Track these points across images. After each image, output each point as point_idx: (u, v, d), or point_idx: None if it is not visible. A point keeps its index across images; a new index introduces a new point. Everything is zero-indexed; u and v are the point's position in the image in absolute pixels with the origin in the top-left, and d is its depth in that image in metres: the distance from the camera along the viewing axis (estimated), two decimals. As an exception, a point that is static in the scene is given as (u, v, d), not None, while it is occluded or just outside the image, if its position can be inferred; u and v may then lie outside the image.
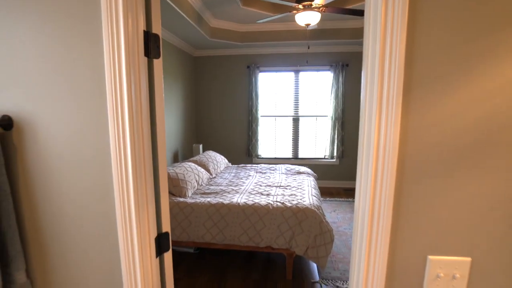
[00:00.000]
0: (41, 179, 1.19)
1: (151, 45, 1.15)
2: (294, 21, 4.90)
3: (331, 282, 3.05)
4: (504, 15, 0.88)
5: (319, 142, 6.30)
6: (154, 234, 1.25)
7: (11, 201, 1.18)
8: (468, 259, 1.02)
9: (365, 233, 1.04)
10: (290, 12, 3.56)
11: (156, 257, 1.27)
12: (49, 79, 1.11)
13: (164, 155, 1.29)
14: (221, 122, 6.30)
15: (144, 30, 1.11)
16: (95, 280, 1.25)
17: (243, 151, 6.34)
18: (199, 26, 4.42)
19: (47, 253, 1.26)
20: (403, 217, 1.02)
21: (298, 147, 6.33)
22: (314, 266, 3.46)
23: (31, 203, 1.22)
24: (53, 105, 1.12)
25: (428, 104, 0.94)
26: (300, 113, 6.19)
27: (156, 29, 1.18)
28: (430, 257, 1.03)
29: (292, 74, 6.06)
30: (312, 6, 3.38)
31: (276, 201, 3.25)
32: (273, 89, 6.19)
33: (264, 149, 6.40)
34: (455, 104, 0.94)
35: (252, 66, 5.93)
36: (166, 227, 1.33)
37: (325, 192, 6.05)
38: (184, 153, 5.75)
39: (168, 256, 1.35)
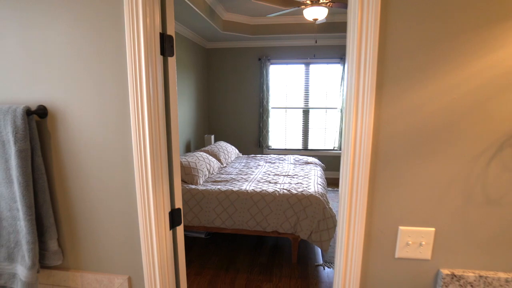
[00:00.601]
0: (71, 161, 1.41)
1: (166, 45, 1.35)
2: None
3: (333, 265, 3.25)
4: (459, 24, 1.06)
5: (328, 134, 6.45)
6: (168, 209, 1.46)
7: (45, 180, 1.40)
8: (432, 229, 1.21)
9: (346, 208, 1.23)
10: (298, 7, 3.72)
11: (170, 229, 1.49)
12: (79, 74, 1.32)
13: (177, 140, 1.50)
14: (232, 113, 6.50)
15: (160, 33, 1.31)
16: (116, 248, 1.47)
17: (254, 142, 6.54)
18: (211, 19, 4.61)
19: (75, 225, 1.49)
20: (377, 194, 1.21)
21: (308, 139, 6.49)
22: (318, 250, 3.67)
23: (62, 181, 1.45)
24: (82, 97, 1.34)
25: (397, 98, 1.13)
26: (310, 105, 6.34)
27: (170, 31, 1.38)
28: (401, 227, 1.22)
29: (302, 66, 6.20)
30: (320, 2, 3.53)
31: (283, 188, 3.46)
32: (284, 81, 6.36)
33: (274, 140, 6.58)
34: (418, 98, 1.12)
35: (263, 58, 6.10)
36: (179, 204, 1.55)
37: (333, 183, 6.22)
38: (196, 144, 5.98)
39: (180, 229, 1.57)
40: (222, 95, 6.47)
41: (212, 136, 5.97)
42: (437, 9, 1.06)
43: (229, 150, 5.26)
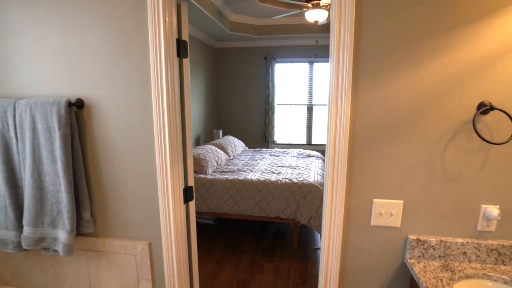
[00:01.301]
0: (102, 144, 1.67)
1: (181, 48, 1.60)
2: (308, 15, 5.26)
3: (331, 249, 3.48)
4: (419, 32, 1.29)
5: (331, 129, 6.64)
6: (182, 186, 1.71)
7: (82, 160, 1.66)
8: (401, 201, 1.44)
9: (329, 185, 1.47)
10: (300, 9, 3.94)
11: (184, 203, 1.74)
12: (109, 73, 1.57)
13: (190, 129, 1.75)
14: (239, 110, 6.73)
15: (176, 38, 1.56)
16: (139, 218, 1.73)
17: (260, 137, 6.78)
18: (219, 21, 4.85)
19: (105, 199, 1.75)
20: (355, 173, 1.45)
21: (311, 134, 6.71)
22: (317, 235, 3.91)
23: (95, 162, 1.71)
24: (112, 91, 1.59)
25: (370, 92, 1.36)
26: (314, 102, 6.55)
27: (185, 36, 1.63)
28: (375, 200, 1.46)
29: (306, 64, 6.41)
30: (320, 5, 3.75)
31: (285, 178, 3.70)
32: (289, 79, 6.57)
33: (279, 135, 6.81)
34: (388, 92, 1.35)
35: (269, 57, 6.32)
36: (191, 183, 1.80)
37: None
38: (205, 138, 6.24)
39: (192, 204, 1.82)
40: (230, 92, 6.71)
41: (220, 131, 6.22)
42: (400, 19, 1.29)
43: (236, 144, 5.51)
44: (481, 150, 1.35)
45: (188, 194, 1.77)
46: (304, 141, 6.77)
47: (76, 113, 1.64)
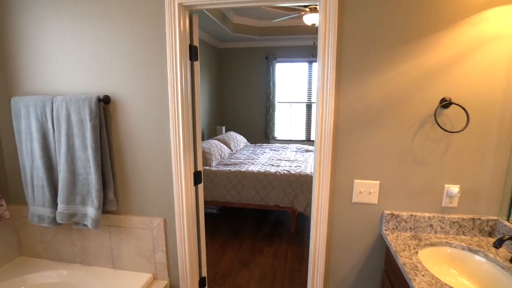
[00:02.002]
0: (125, 134, 1.93)
1: (192, 53, 1.86)
2: (306, 18, 5.51)
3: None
4: (391, 40, 1.54)
5: (329, 126, 6.88)
6: (192, 170, 1.97)
7: (107, 148, 1.92)
8: (377, 181, 1.70)
9: (317, 168, 1.73)
10: (299, 13, 4.19)
11: (194, 185, 2.00)
12: (132, 74, 1.83)
13: (200, 121, 2.00)
14: (242, 107, 6.98)
15: (189, 44, 1.81)
16: (155, 198, 1.98)
17: (261, 133, 7.03)
18: (223, 23, 5.09)
19: (126, 181, 2.00)
20: (338, 157, 1.70)
21: (310, 130, 6.95)
22: (313, 222, 4.16)
23: (118, 149, 1.97)
24: (133, 89, 1.85)
25: (350, 90, 1.62)
26: (312, 100, 6.79)
27: (195, 42, 1.88)
28: (356, 180, 1.72)
29: (305, 64, 6.65)
30: (317, 9, 3.99)
31: (284, 170, 3.95)
32: (289, 78, 6.81)
33: (280, 131, 7.06)
34: (365, 89, 1.60)
35: (270, 57, 6.56)
36: (200, 168, 2.06)
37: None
38: (209, 134, 6.49)
39: (200, 186, 2.08)
40: (233, 90, 6.95)
41: (224, 127, 6.48)
42: (374, 30, 1.54)
43: (239, 139, 5.76)
44: (443, 138, 1.60)
45: (197, 177, 2.03)
46: (303, 137, 7.01)
47: (103, 107, 1.90)
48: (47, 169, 1.92)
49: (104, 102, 1.86)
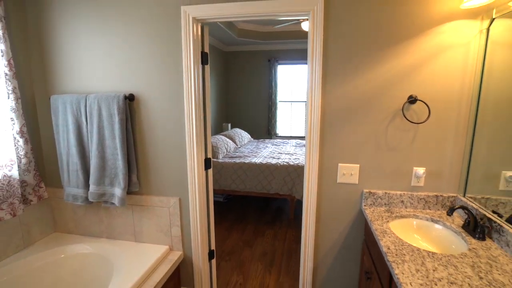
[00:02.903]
0: (146, 126, 2.21)
1: (204, 58, 2.13)
2: (305, 23, 5.76)
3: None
4: (367, 47, 1.81)
5: (327, 123, 7.14)
6: (203, 157, 2.25)
7: (132, 138, 2.20)
8: (358, 165, 1.97)
9: (307, 154, 2.00)
10: (297, 20, 4.44)
11: (204, 170, 2.28)
12: (153, 75, 2.11)
13: (210, 115, 2.28)
14: (246, 106, 7.25)
15: (201, 51, 2.09)
16: (172, 180, 2.26)
17: (264, 130, 7.30)
18: (229, 28, 5.37)
19: (147, 166, 2.29)
20: (325, 144, 1.98)
21: (309, 127, 7.20)
22: (310, 209, 4.44)
23: (141, 139, 2.25)
24: (153, 88, 2.13)
25: (334, 89, 1.89)
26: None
27: (206, 49, 2.16)
28: (340, 164, 1.99)
29: (305, 66, 6.90)
30: (314, 16, 4.24)
31: (284, 161, 4.23)
32: (290, 79, 7.07)
33: (281, 128, 7.32)
34: (346, 90, 1.87)
35: (272, 59, 6.82)
36: (209, 155, 2.34)
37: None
38: (216, 130, 6.76)
39: (210, 171, 2.36)
40: (238, 90, 7.22)
41: (229, 124, 6.75)
42: (354, 40, 1.81)
43: (243, 135, 6.04)
44: (411, 128, 1.87)
45: (207, 163, 2.31)
46: (302, 134, 7.26)
47: (129, 104, 2.18)
48: (80, 156, 2.21)
49: (129, 99, 2.15)
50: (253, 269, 2.98)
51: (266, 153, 4.94)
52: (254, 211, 4.49)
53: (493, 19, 1.60)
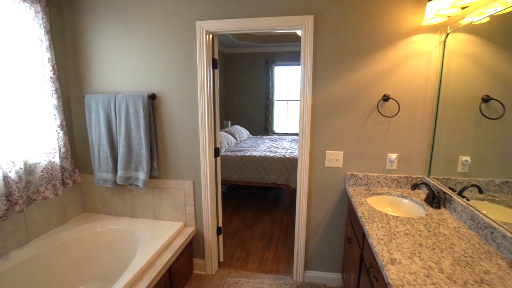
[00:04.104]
0: (166, 120, 2.57)
1: (214, 64, 2.50)
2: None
3: (314, 206, 4.39)
4: (349, 55, 2.18)
5: (320, 121, 7.51)
6: (213, 146, 2.62)
7: (153, 130, 2.56)
8: (342, 152, 2.35)
9: (300, 143, 2.37)
10: (293, 26, 4.81)
11: (214, 157, 2.65)
12: (171, 77, 2.47)
13: (218, 112, 2.64)
14: (245, 104, 7.61)
15: (212, 58, 2.46)
16: (187, 166, 2.63)
17: (262, 127, 7.66)
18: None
19: (166, 154, 2.65)
20: (315, 135, 2.35)
21: (304, 125, 7.56)
22: (304, 197, 4.82)
23: (161, 130, 2.61)
24: (172, 88, 2.49)
25: (323, 89, 2.26)
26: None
27: (216, 56, 2.52)
28: (327, 151, 2.37)
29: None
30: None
31: (280, 154, 4.60)
32: (286, 79, 7.43)
33: (278, 125, 7.69)
34: (332, 90, 2.25)
35: (269, 61, 7.18)
36: (218, 145, 2.70)
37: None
38: (217, 127, 7.11)
39: (218, 159, 2.72)
40: (237, 90, 7.57)
41: (229, 122, 7.11)
42: (339, 48, 2.19)
43: (242, 132, 6.40)
44: (385, 121, 2.25)
45: (216, 152, 2.68)
46: (297, 131, 7.61)
47: (151, 101, 2.54)
48: (110, 146, 2.57)
49: (152, 98, 2.51)
50: (254, 246, 3.35)
51: (264, 147, 5.31)
52: (253, 199, 4.87)
53: (448, 33, 1.98)
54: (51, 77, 2.34)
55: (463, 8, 1.74)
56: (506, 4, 1.42)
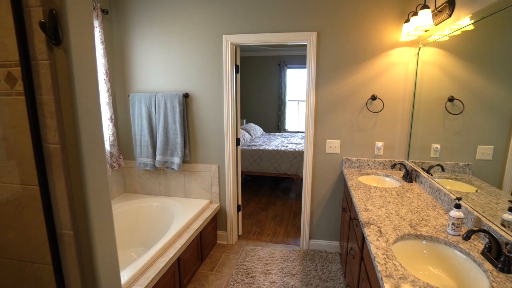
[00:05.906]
0: (196, 115, 3.19)
1: (236, 69, 3.11)
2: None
3: (321, 195, 4.96)
4: (345, 62, 2.77)
5: (330, 120, 8.05)
6: (235, 136, 3.23)
7: (187, 123, 3.19)
8: (339, 140, 2.93)
9: (305, 134, 2.96)
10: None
11: (236, 146, 3.26)
12: (202, 80, 3.09)
13: (239, 108, 3.25)
14: (259, 104, 8.19)
15: (235, 64, 3.07)
16: (213, 153, 3.24)
17: (274, 125, 8.24)
18: (245, 39, 6.33)
19: (196, 142, 3.27)
20: (318, 127, 2.94)
21: (314, 123, 8.11)
22: (312, 187, 5.40)
23: (193, 123, 3.23)
24: (203, 89, 3.11)
25: (324, 90, 2.85)
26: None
27: (238, 62, 3.13)
28: (327, 140, 2.95)
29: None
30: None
31: (291, 148, 5.19)
32: (297, 81, 7.99)
33: (289, 124, 8.26)
34: (332, 90, 2.84)
35: (281, 64, 7.75)
36: (239, 136, 3.31)
37: (332, 156, 7.90)
38: (233, 125, 7.72)
39: (239, 148, 3.33)
40: (252, 90, 8.16)
41: (244, 120, 7.72)
42: (337, 58, 2.77)
43: (257, 129, 7.01)
44: (373, 116, 2.82)
45: (237, 141, 3.29)
46: (308, 129, 8.17)
47: (185, 99, 3.17)
48: (150, 136, 3.21)
49: (185, 96, 3.13)
50: (267, 224, 3.95)
51: (277, 143, 5.90)
52: (267, 188, 5.47)
53: (420, 47, 2.55)
54: (104, 79, 2.99)
55: (426, 31, 2.31)
56: (453, 30, 1.99)
